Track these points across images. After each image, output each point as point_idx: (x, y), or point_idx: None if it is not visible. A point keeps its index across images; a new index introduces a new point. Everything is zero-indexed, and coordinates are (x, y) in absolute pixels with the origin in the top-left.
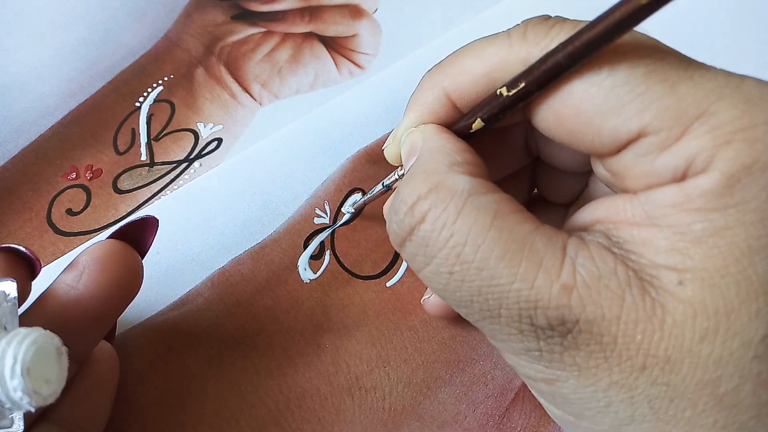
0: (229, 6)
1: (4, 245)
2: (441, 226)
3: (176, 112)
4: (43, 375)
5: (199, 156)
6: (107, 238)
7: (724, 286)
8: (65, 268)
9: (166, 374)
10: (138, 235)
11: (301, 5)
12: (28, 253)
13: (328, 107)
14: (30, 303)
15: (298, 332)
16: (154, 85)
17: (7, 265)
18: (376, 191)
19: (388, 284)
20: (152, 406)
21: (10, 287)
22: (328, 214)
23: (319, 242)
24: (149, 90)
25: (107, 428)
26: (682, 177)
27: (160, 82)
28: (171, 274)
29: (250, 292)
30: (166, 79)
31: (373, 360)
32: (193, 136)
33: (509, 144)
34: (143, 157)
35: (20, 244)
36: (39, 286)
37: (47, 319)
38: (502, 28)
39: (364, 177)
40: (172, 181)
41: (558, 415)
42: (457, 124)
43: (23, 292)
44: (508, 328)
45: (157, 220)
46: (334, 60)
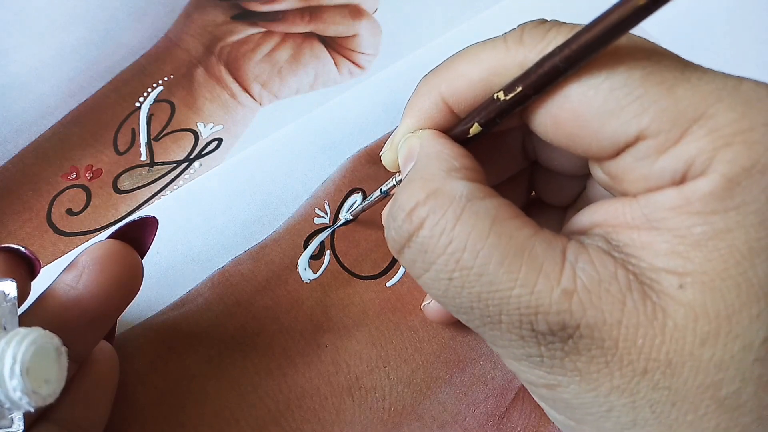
0: (229, 6)
1: (3, 245)
2: (439, 232)
3: (176, 112)
4: (42, 375)
5: (199, 156)
6: (107, 238)
7: (724, 289)
8: (65, 268)
9: (166, 374)
10: (138, 235)
11: (301, 5)
12: (28, 253)
13: (328, 107)
14: (30, 303)
15: (298, 332)
16: (154, 85)
17: (6, 265)
18: (373, 198)
19: (388, 284)
20: (152, 406)
21: (10, 287)
22: (328, 214)
23: (319, 242)
24: (149, 90)
25: (107, 428)
26: (681, 180)
27: (160, 82)
28: (171, 274)
29: (250, 292)
30: (166, 79)
31: (373, 360)
32: (193, 136)
33: (507, 148)
34: (143, 157)
35: (20, 244)
36: (39, 286)
37: (47, 319)
38: (502, 29)
39: (364, 177)
40: (172, 181)
41: (559, 420)
42: (454, 129)
43: (23, 292)
44: (509, 334)
45: (157, 220)
46: (334, 60)
